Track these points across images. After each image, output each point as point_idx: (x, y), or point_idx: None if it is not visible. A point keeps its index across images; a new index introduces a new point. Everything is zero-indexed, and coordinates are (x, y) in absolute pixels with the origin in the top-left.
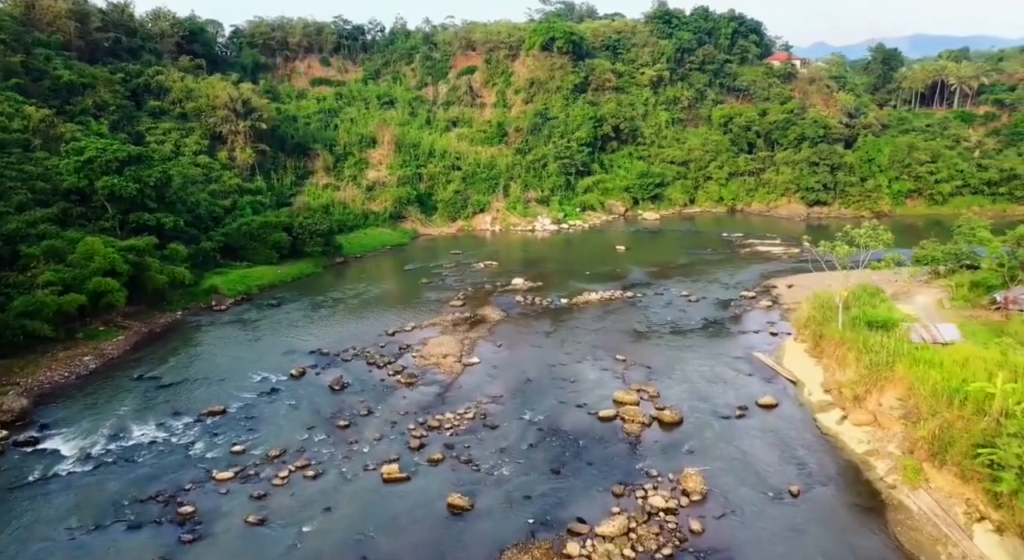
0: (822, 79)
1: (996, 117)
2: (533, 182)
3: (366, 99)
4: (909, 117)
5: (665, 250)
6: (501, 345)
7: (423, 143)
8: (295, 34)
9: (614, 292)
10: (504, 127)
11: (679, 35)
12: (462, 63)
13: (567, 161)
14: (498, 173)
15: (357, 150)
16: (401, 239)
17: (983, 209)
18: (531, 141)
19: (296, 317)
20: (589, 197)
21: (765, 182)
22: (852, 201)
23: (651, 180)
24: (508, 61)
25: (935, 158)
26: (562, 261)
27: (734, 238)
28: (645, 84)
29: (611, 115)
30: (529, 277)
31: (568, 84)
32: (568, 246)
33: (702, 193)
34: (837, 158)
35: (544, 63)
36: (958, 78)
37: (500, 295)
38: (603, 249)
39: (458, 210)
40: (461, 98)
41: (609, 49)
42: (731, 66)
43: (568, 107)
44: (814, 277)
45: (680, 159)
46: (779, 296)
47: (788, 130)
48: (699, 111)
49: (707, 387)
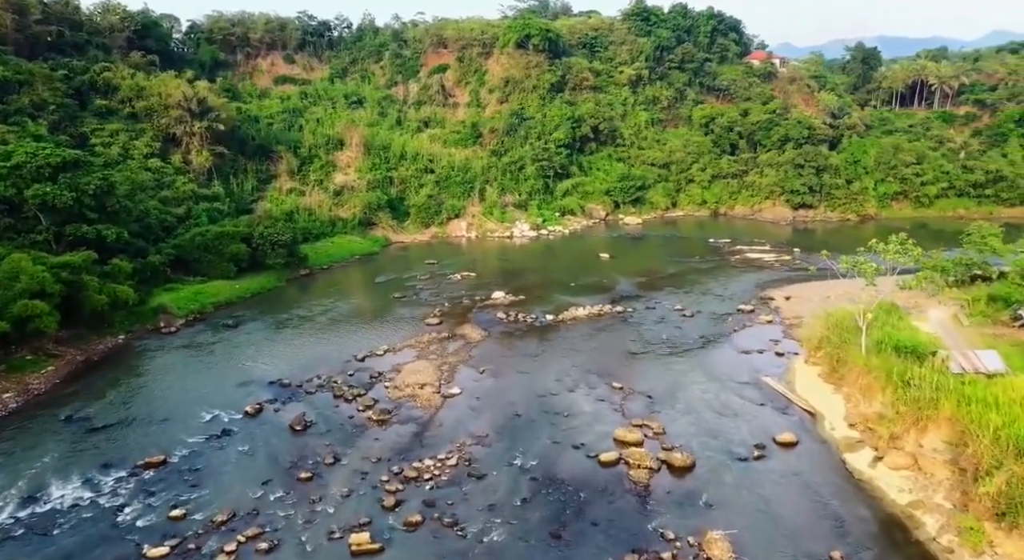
0: (802, 79)
1: (977, 117)
2: (510, 185)
3: (333, 98)
4: (891, 117)
5: (651, 258)
6: (484, 371)
7: (394, 145)
8: (256, 30)
9: (602, 306)
10: (478, 128)
11: (658, 33)
12: (433, 61)
13: (545, 163)
14: (473, 176)
15: (324, 152)
16: (371, 248)
17: (969, 212)
18: (507, 142)
19: (255, 339)
20: (568, 201)
21: (748, 184)
22: (838, 204)
23: (632, 183)
24: (481, 59)
25: (920, 159)
26: (544, 271)
27: (721, 244)
28: (624, 83)
29: (589, 115)
30: (510, 290)
31: (544, 83)
32: (549, 254)
33: (684, 196)
34: (822, 160)
35: (519, 61)
36: (938, 78)
37: (480, 311)
38: (586, 257)
39: (432, 216)
40: (433, 97)
41: (586, 47)
42: (711, 65)
43: (545, 107)
44: (812, 288)
45: (661, 161)
46: (778, 309)
47: (771, 131)
48: (679, 111)
49: (716, 420)
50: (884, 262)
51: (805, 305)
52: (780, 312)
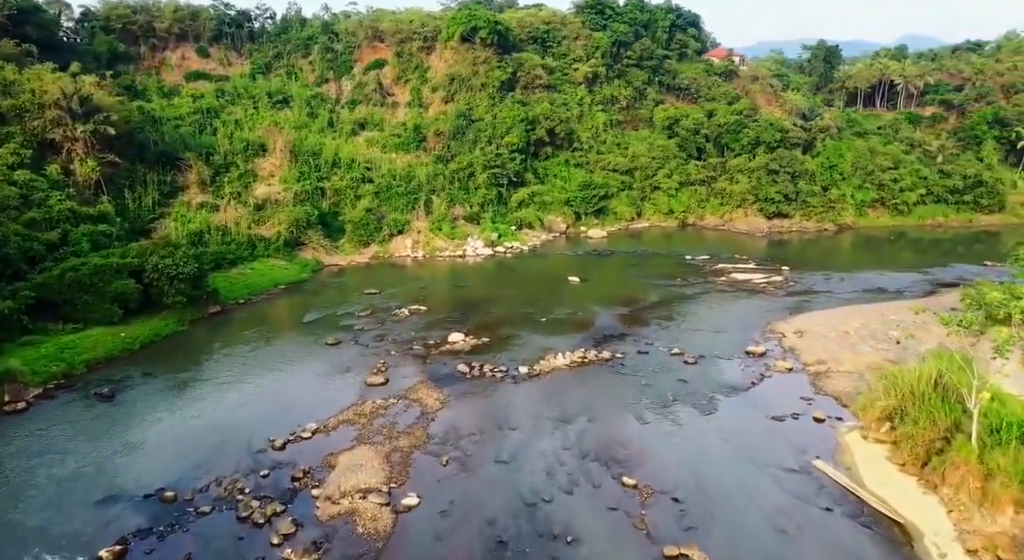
0: (764, 78)
1: (943, 119)
2: (459, 196)
3: (254, 97)
4: (859, 119)
5: (626, 281)
6: (448, 461)
7: (325, 150)
8: (163, 18)
9: (585, 351)
10: (421, 130)
11: (614, 27)
12: (369, 56)
13: (497, 170)
14: (417, 186)
15: (242, 159)
16: (299, 274)
17: (948, 219)
18: (454, 147)
19: (136, 418)
20: (526, 213)
21: (718, 192)
22: (815, 212)
23: (594, 192)
24: (423, 54)
25: (897, 164)
26: (507, 301)
27: (700, 262)
28: (580, 81)
29: (544, 116)
30: (470, 329)
31: (494, 81)
32: (509, 277)
33: (649, 205)
34: (798, 165)
35: (465, 57)
36: (903, 77)
37: (435, 361)
38: (553, 281)
39: (371, 233)
40: (369, 96)
41: (537, 42)
42: (670, 62)
43: (495, 107)
44: (821, 319)
45: (624, 167)
46: (794, 350)
47: (740, 134)
48: (639, 112)
49: (776, 541)
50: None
51: (823, 344)
52: (796, 354)
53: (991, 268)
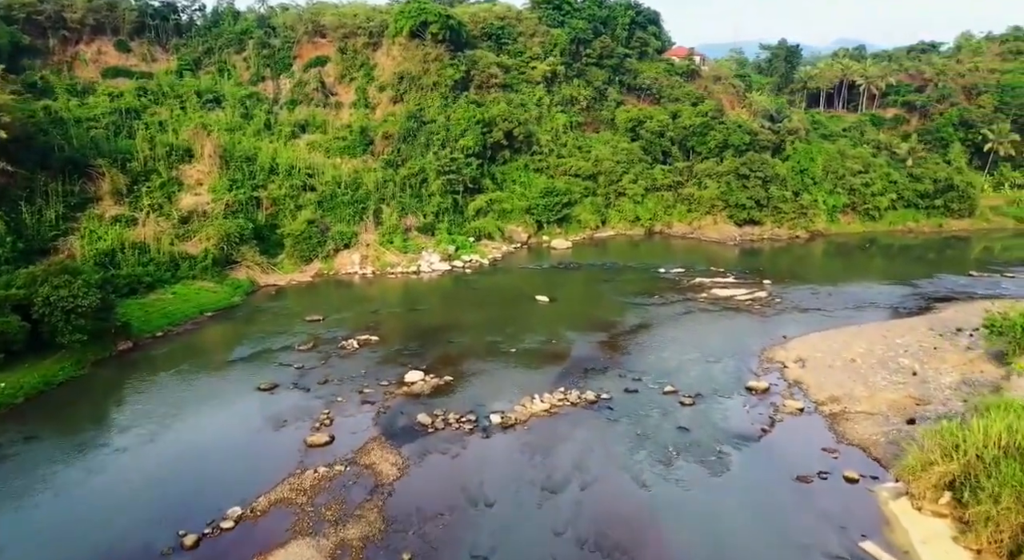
0: (727, 78)
1: (905, 120)
2: (412, 205)
3: (182, 96)
4: (823, 121)
5: (599, 300)
6: None
7: (261, 155)
8: (76, 8)
9: (565, 392)
10: (368, 133)
11: (572, 24)
12: (309, 53)
13: (453, 177)
14: (365, 194)
15: (165, 166)
16: (230, 297)
17: (919, 225)
18: (405, 151)
19: (2, 505)
20: (484, 222)
21: (685, 198)
22: (786, 219)
23: (557, 199)
24: (369, 51)
25: (867, 168)
26: (470, 327)
27: (675, 276)
28: (537, 81)
29: (502, 118)
30: (430, 365)
31: (446, 80)
32: (471, 297)
33: (614, 212)
34: (769, 170)
35: (415, 54)
36: (865, 78)
37: (390, 408)
38: (520, 300)
39: (314, 247)
40: (310, 96)
41: (492, 39)
42: (630, 61)
43: (448, 108)
44: (820, 342)
45: (587, 172)
46: (800, 384)
47: (707, 136)
48: (600, 113)
49: None
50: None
51: (830, 375)
52: (804, 389)
53: (978, 279)
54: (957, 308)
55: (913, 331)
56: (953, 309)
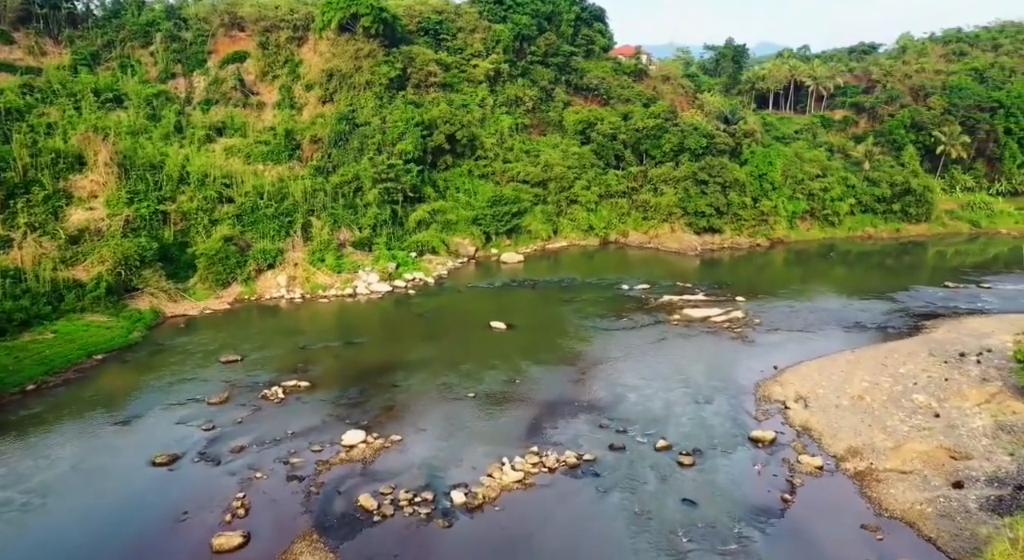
0: (676, 78)
1: (854, 122)
2: (345, 217)
3: (76, 95)
4: (774, 122)
5: (562, 325)
6: None
7: (170, 162)
8: None
9: (540, 453)
10: (295, 136)
11: (515, 19)
12: (226, 47)
13: (391, 185)
14: (292, 205)
15: (50, 176)
16: (127, 334)
17: (877, 230)
18: (336, 156)
19: None
20: (427, 235)
21: (641, 205)
22: (746, 226)
23: (506, 208)
24: (293, 46)
25: (824, 172)
26: (418, 365)
27: (639, 292)
28: (480, 79)
29: (443, 119)
30: (373, 419)
31: (381, 78)
32: (416, 325)
33: (566, 221)
34: (728, 175)
35: (345, 49)
36: (814, 79)
37: (324, 486)
38: (473, 328)
39: (232, 269)
40: (228, 95)
41: (429, 34)
42: (577, 59)
43: (383, 109)
44: (818, 373)
45: (536, 178)
46: (809, 431)
47: (661, 139)
48: (547, 115)
49: None
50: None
51: (839, 417)
52: (816, 438)
53: (956, 290)
54: (948, 327)
55: (913, 357)
56: (944, 328)
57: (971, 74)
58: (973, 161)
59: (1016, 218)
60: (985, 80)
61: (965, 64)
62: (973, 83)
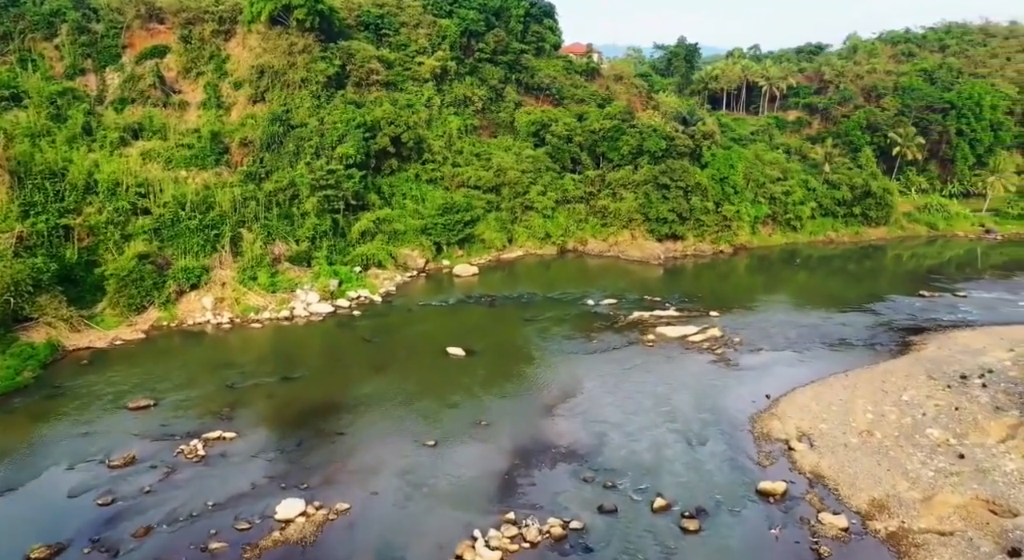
0: (629, 77)
1: (808, 123)
2: (281, 228)
3: None
4: (730, 123)
5: (527, 349)
6: None
7: (75, 168)
8: None
9: (519, 522)
10: (222, 138)
11: (462, 14)
12: (144, 41)
13: (331, 192)
14: (219, 216)
15: None
16: (15, 376)
17: (839, 234)
18: (269, 160)
19: None
20: (372, 247)
21: (599, 211)
22: (709, 232)
23: (457, 217)
24: (219, 40)
25: (785, 174)
26: (367, 404)
27: (606, 308)
28: (426, 78)
29: (386, 120)
30: (314, 483)
31: (318, 76)
32: (363, 353)
33: (522, 229)
34: (690, 178)
35: (277, 44)
36: (767, 79)
37: None
38: (427, 354)
39: (148, 291)
40: (146, 94)
41: (370, 29)
42: (527, 58)
43: (322, 109)
44: (811, 402)
45: (489, 183)
46: (821, 479)
47: (619, 141)
48: (498, 115)
49: None
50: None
51: (851, 460)
52: (831, 489)
53: (932, 300)
54: (938, 342)
55: (912, 380)
56: (934, 344)
57: (921, 75)
58: (926, 163)
59: (972, 220)
60: (935, 81)
61: (914, 65)
62: (924, 84)
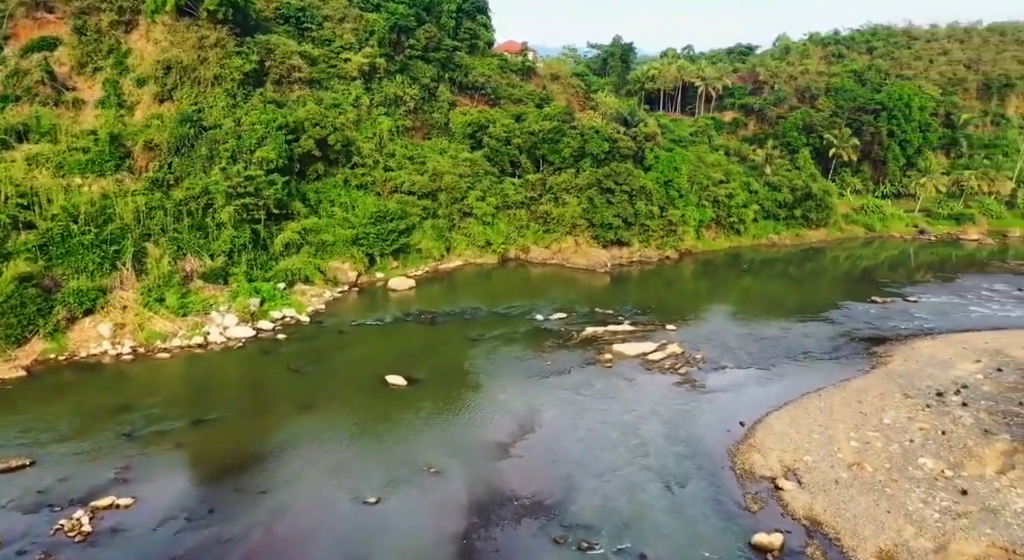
0: (566, 77)
1: (743, 124)
2: (193, 241)
3: None
4: (669, 125)
5: (474, 375)
6: None
7: None
8: None
9: None
10: (124, 141)
11: (391, 8)
12: (30, 32)
13: (250, 200)
14: (120, 229)
15: None
16: None
17: (781, 237)
18: (179, 166)
19: None
20: (298, 261)
21: (541, 216)
22: (655, 238)
23: (391, 225)
24: (119, 32)
25: (727, 177)
26: (294, 450)
27: (556, 323)
28: (353, 76)
29: (311, 122)
30: (239, 558)
31: (233, 72)
32: (290, 386)
33: (460, 236)
34: (635, 182)
35: (186, 37)
36: (703, 79)
37: None
38: (364, 386)
39: (32, 319)
40: (33, 90)
41: (291, 22)
42: (460, 55)
43: (238, 109)
44: (788, 428)
45: (424, 188)
46: (819, 525)
47: (559, 143)
48: (431, 116)
49: None
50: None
51: (846, 500)
52: (833, 538)
53: (886, 306)
54: (903, 354)
55: (888, 400)
56: (899, 356)
57: (851, 76)
58: (860, 164)
59: (906, 221)
60: (864, 82)
61: (844, 66)
62: (855, 85)
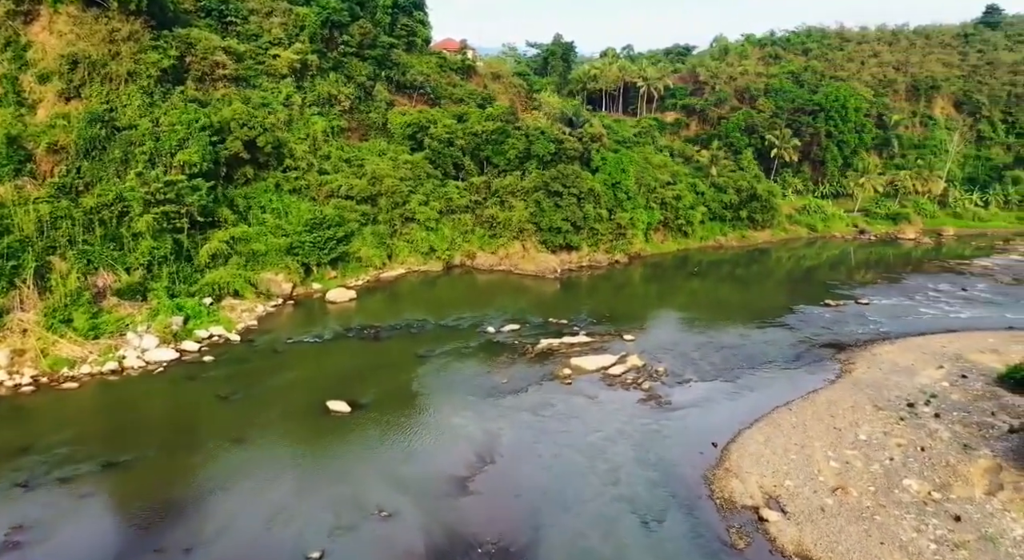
0: (507, 76)
1: (685, 124)
2: (106, 255)
3: None
4: (612, 125)
5: (425, 396)
6: None
7: None
8: None
9: None
10: (23, 144)
11: (323, 2)
12: None
13: (171, 207)
14: (20, 242)
15: None
16: None
17: (727, 238)
18: (89, 170)
19: None
20: (225, 273)
21: (487, 221)
22: (604, 241)
23: (329, 232)
24: (18, 23)
25: (674, 178)
26: (224, 496)
27: (509, 336)
28: (283, 73)
29: (238, 122)
30: None
31: (150, 68)
32: (218, 415)
33: (402, 243)
34: (583, 184)
35: (95, 29)
36: (645, 79)
37: None
38: (302, 413)
39: None
40: None
41: (213, 15)
42: (397, 53)
43: (156, 108)
44: (763, 446)
45: (363, 193)
46: None
47: (504, 144)
48: (368, 116)
49: None
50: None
51: (837, 533)
52: None
53: (839, 310)
54: (865, 362)
55: (860, 413)
56: (862, 363)
57: (789, 77)
58: (800, 165)
59: (846, 221)
60: (802, 83)
61: (782, 67)
62: (793, 86)
